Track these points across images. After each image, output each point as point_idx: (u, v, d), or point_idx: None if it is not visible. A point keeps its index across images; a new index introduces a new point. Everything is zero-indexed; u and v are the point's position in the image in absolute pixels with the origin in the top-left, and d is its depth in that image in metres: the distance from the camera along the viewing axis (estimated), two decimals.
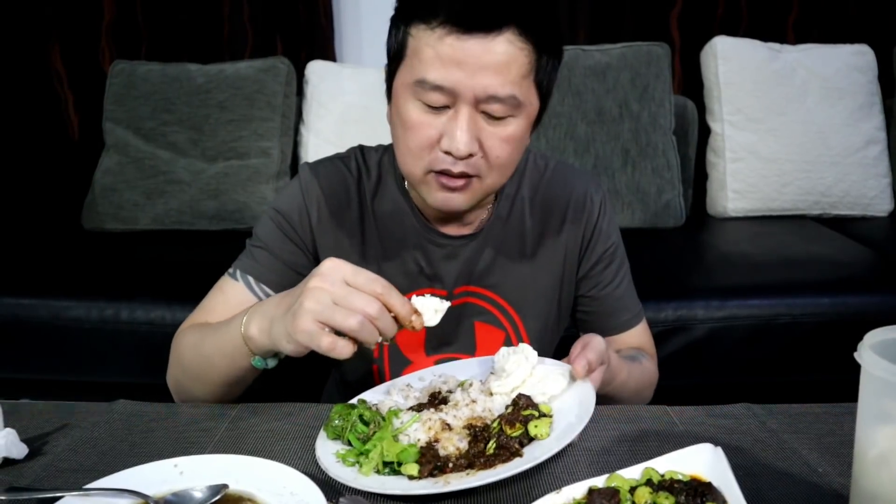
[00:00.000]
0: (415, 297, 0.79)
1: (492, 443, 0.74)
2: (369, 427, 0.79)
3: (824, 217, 2.49)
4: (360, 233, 1.06)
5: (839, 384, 0.86)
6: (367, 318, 0.74)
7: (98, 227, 2.38)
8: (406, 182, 1.04)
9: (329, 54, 2.67)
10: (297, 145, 2.48)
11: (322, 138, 2.42)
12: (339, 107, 2.42)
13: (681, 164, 2.41)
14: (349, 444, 0.78)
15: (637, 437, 0.82)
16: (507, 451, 0.73)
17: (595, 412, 0.75)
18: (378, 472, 0.73)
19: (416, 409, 0.82)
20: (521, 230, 1.08)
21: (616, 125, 2.35)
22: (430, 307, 0.79)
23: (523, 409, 0.77)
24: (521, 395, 0.79)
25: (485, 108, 0.88)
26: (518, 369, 0.83)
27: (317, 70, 2.47)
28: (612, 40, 2.46)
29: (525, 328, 1.09)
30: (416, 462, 0.73)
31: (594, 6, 2.66)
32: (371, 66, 2.51)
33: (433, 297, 0.80)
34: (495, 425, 0.77)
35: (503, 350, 0.87)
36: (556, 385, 0.82)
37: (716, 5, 2.67)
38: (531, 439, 0.75)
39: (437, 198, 0.95)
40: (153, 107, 2.39)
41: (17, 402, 0.92)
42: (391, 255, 1.06)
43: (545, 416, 0.77)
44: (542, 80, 0.92)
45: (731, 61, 2.44)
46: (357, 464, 0.75)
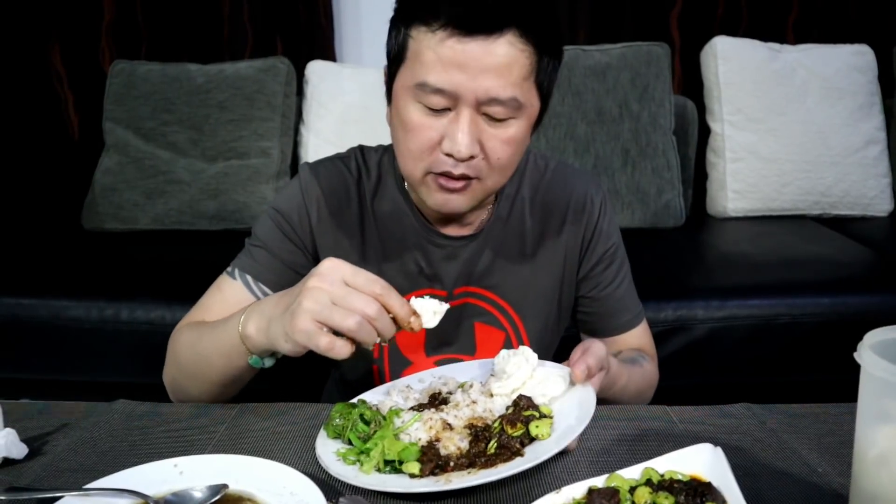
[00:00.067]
0: (414, 299, 0.79)
1: (493, 442, 0.74)
2: (370, 426, 0.78)
3: (824, 217, 2.48)
4: (360, 233, 1.06)
5: (839, 384, 0.86)
6: (366, 318, 0.74)
7: (98, 227, 2.37)
8: (406, 183, 1.04)
9: (329, 54, 2.67)
10: (297, 145, 2.48)
11: (322, 138, 2.42)
12: (339, 107, 2.42)
13: (681, 164, 2.41)
14: (349, 443, 0.78)
15: (637, 437, 0.82)
16: (509, 451, 0.73)
17: (595, 412, 0.75)
18: (379, 470, 0.73)
19: (417, 409, 0.82)
20: (521, 231, 1.08)
21: (616, 125, 2.35)
22: (429, 309, 0.79)
23: (524, 410, 0.77)
24: (521, 396, 0.79)
25: (486, 110, 0.88)
26: (518, 371, 0.83)
27: (317, 70, 2.47)
28: (612, 40, 2.46)
29: (525, 329, 1.09)
30: (418, 461, 0.73)
31: (594, 6, 2.66)
32: (371, 66, 2.51)
33: (432, 298, 0.80)
34: (496, 425, 0.77)
35: (503, 352, 0.87)
36: (556, 387, 0.82)
37: (716, 5, 2.67)
38: (532, 439, 0.75)
39: (437, 199, 0.95)
40: (153, 107, 2.39)
41: (17, 402, 0.92)
42: (391, 256, 1.05)
43: (546, 416, 0.78)
44: (542, 81, 0.92)
45: (731, 61, 2.44)
46: (358, 462, 0.75)
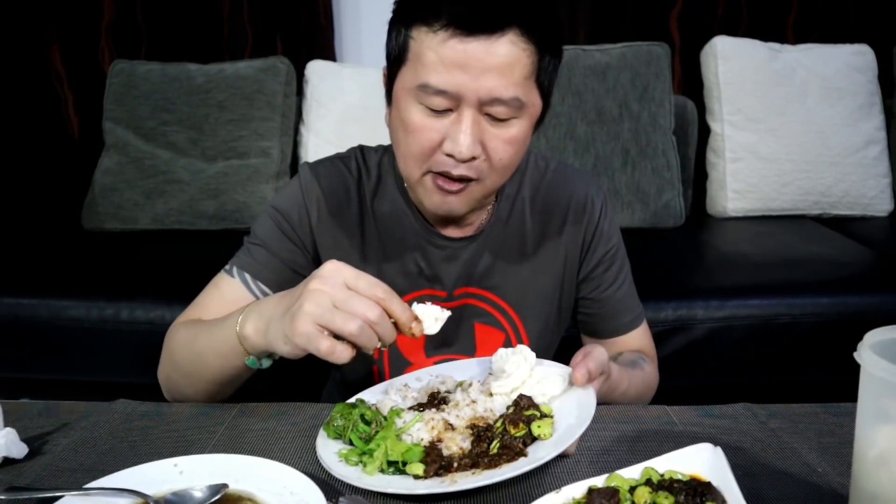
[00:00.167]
0: (416, 304, 0.79)
1: (495, 442, 0.74)
2: (371, 427, 0.78)
3: (824, 217, 2.48)
4: (360, 233, 1.05)
5: (839, 384, 0.86)
6: (368, 322, 0.73)
7: (98, 227, 2.38)
8: (406, 184, 1.04)
9: (329, 54, 2.67)
10: (296, 145, 2.48)
11: (322, 138, 2.42)
12: (338, 107, 2.42)
13: (681, 164, 2.41)
14: (350, 443, 0.78)
15: (637, 437, 0.82)
16: (512, 451, 0.73)
17: (595, 412, 0.75)
18: (382, 471, 0.73)
19: (417, 408, 0.82)
20: (521, 231, 1.08)
21: (616, 125, 2.35)
22: (431, 315, 0.78)
23: (525, 410, 0.77)
24: (522, 396, 0.79)
25: (488, 110, 0.88)
26: (517, 370, 0.82)
27: (317, 70, 2.47)
28: (612, 40, 2.46)
29: (525, 329, 1.09)
30: (421, 462, 0.73)
31: (594, 6, 2.66)
32: (371, 66, 2.51)
33: (434, 305, 0.79)
34: (499, 425, 0.76)
35: (501, 351, 0.87)
36: (556, 385, 0.82)
37: (716, 5, 2.67)
38: (534, 439, 0.75)
39: (434, 200, 0.95)
40: (153, 106, 2.39)
41: (17, 402, 0.92)
42: (391, 256, 1.05)
43: (546, 416, 0.78)
44: (543, 80, 0.92)
45: (731, 61, 2.44)
46: (360, 463, 0.75)
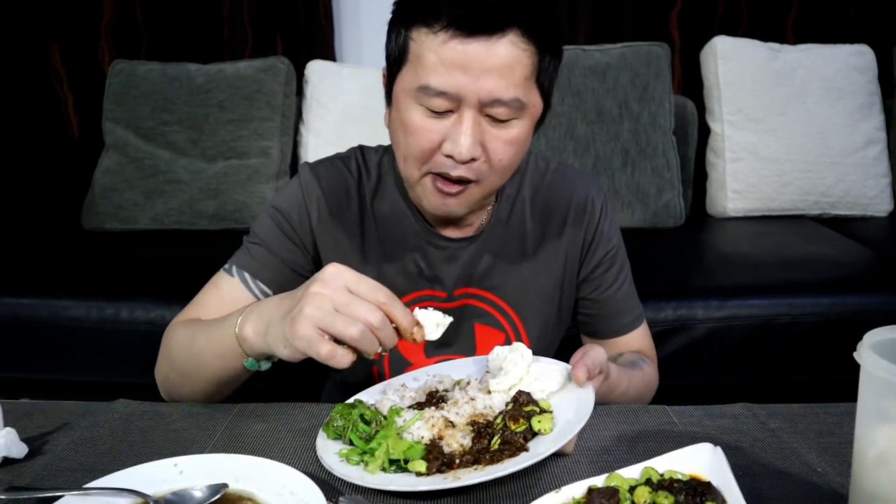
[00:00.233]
0: (417, 310, 0.78)
1: (496, 438, 0.74)
2: (371, 426, 0.78)
3: (824, 217, 2.49)
4: (360, 234, 1.05)
5: (839, 384, 0.86)
6: (369, 327, 0.72)
7: (98, 227, 2.38)
8: (405, 184, 1.04)
9: (329, 54, 2.67)
10: (296, 145, 2.48)
11: (322, 138, 2.42)
12: (338, 107, 2.42)
13: (680, 164, 2.41)
14: (350, 443, 0.78)
15: (637, 437, 0.82)
16: (513, 447, 0.73)
17: (595, 412, 0.75)
18: (384, 469, 0.73)
19: (417, 407, 0.82)
20: (521, 232, 1.08)
21: (616, 125, 2.35)
22: (433, 320, 0.78)
23: (524, 406, 0.77)
24: (521, 392, 0.79)
25: (489, 111, 0.88)
26: (515, 368, 0.83)
27: (317, 70, 2.47)
28: (612, 40, 2.46)
29: (525, 330, 1.09)
30: (423, 459, 0.73)
31: (594, 6, 2.66)
32: (371, 66, 2.51)
33: (436, 310, 0.79)
34: (499, 421, 0.77)
35: (497, 349, 0.87)
36: (554, 381, 0.82)
37: (716, 5, 2.67)
38: (534, 434, 0.75)
39: (433, 202, 0.95)
40: (153, 106, 2.39)
41: (17, 402, 0.92)
42: (391, 257, 1.05)
43: (546, 412, 0.78)
44: (544, 80, 0.91)
45: (731, 61, 2.44)
46: (361, 462, 0.74)
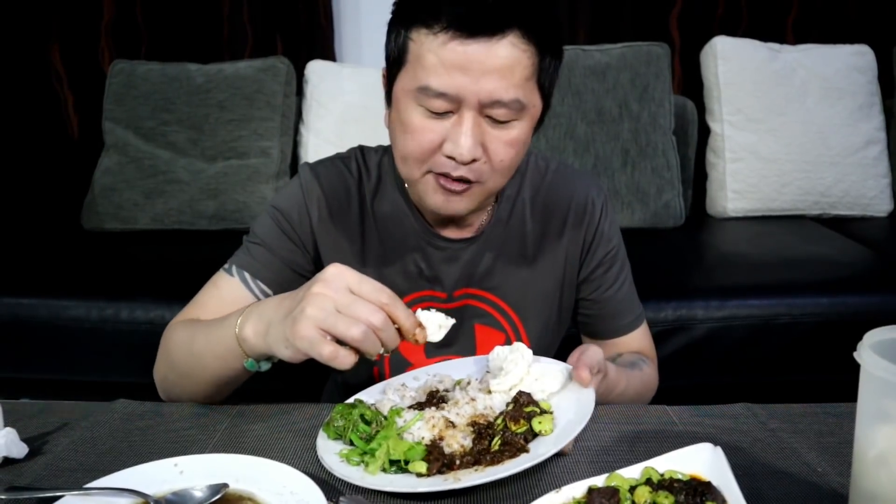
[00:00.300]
0: (420, 311, 0.78)
1: (497, 439, 0.74)
2: (371, 426, 0.78)
3: (824, 217, 2.49)
4: (361, 234, 1.05)
5: (839, 384, 0.86)
6: (371, 328, 0.72)
7: (98, 227, 2.37)
8: (406, 184, 1.04)
9: (329, 54, 2.67)
10: (296, 145, 2.48)
11: (322, 138, 2.42)
12: (338, 107, 2.42)
13: (680, 164, 2.41)
14: (351, 443, 0.78)
15: (637, 437, 0.82)
16: (513, 448, 0.73)
17: (595, 412, 0.75)
18: (384, 470, 0.73)
19: (417, 407, 0.82)
20: (521, 232, 1.08)
21: (616, 125, 2.35)
22: (435, 322, 0.77)
23: (525, 406, 0.77)
24: (521, 393, 0.79)
25: (489, 112, 0.87)
26: (515, 368, 0.83)
27: (316, 70, 2.47)
28: (612, 40, 2.46)
29: (525, 330, 1.08)
30: (423, 460, 0.73)
31: (594, 6, 2.66)
32: (371, 66, 2.51)
33: (438, 311, 0.78)
34: (499, 422, 0.77)
35: (497, 349, 0.87)
36: (554, 381, 0.82)
37: (716, 5, 2.67)
38: (535, 435, 0.75)
39: (437, 200, 0.94)
40: (153, 106, 2.39)
41: (17, 402, 0.92)
42: (391, 257, 1.05)
43: (546, 412, 0.78)
44: (544, 81, 0.91)
45: (731, 61, 2.44)
46: (362, 463, 0.74)
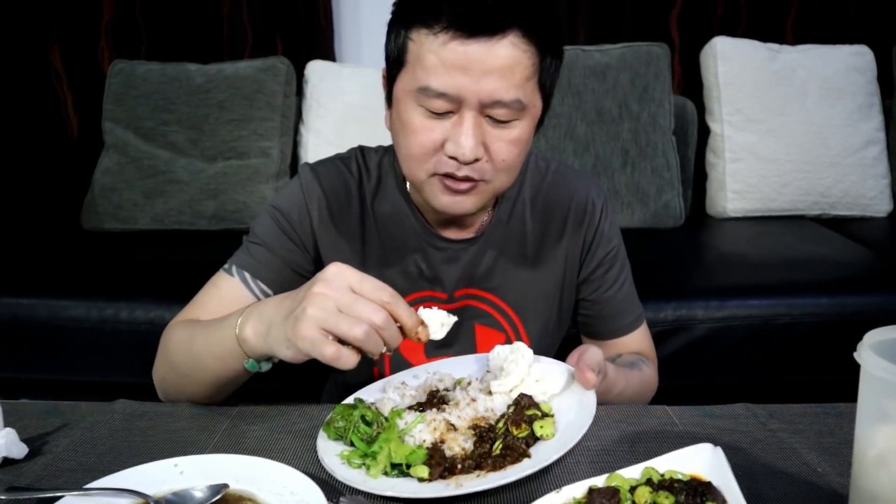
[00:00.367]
0: (422, 309, 0.77)
1: (498, 443, 0.74)
2: (372, 428, 0.78)
3: (823, 217, 2.49)
4: (361, 234, 1.05)
5: (839, 384, 0.86)
6: (373, 327, 0.71)
7: (97, 227, 2.37)
8: (407, 184, 1.04)
9: (329, 54, 2.67)
10: (296, 145, 2.48)
11: (322, 138, 2.42)
12: (338, 107, 2.42)
13: (680, 165, 2.41)
14: (351, 444, 0.77)
15: (637, 437, 0.82)
16: (515, 452, 0.73)
17: (595, 412, 0.75)
18: (386, 473, 0.72)
19: (417, 408, 0.82)
20: (522, 233, 1.08)
21: (616, 125, 2.35)
22: (437, 320, 0.77)
23: (526, 409, 0.77)
24: (522, 395, 0.79)
25: (489, 112, 0.87)
26: (516, 368, 0.82)
27: (316, 70, 2.47)
28: (612, 40, 2.47)
29: (525, 331, 1.08)
30: (425, 464, 0.72)
31: (594, 6, 2.66)
32: (371, 66, 2.51)
33: (440, 310, 0.78)
34: (501, 426, 0.76)
35: (498, 348, 0.86)
36: (556, 383, 0.82)
37: (715, 6, 2.67)
38: (537, 439, 0.75)
39: (444, 201, 0.94)
40: (153, 106, 2.39)
41: (17, 402, 0.92)
42: (391, 257, 1.05)
43: (547, 415, 0.78)
44: (545, 81, 0.91)
45: (731, 62, 2.44)
46: (363, 465, 0.74)
